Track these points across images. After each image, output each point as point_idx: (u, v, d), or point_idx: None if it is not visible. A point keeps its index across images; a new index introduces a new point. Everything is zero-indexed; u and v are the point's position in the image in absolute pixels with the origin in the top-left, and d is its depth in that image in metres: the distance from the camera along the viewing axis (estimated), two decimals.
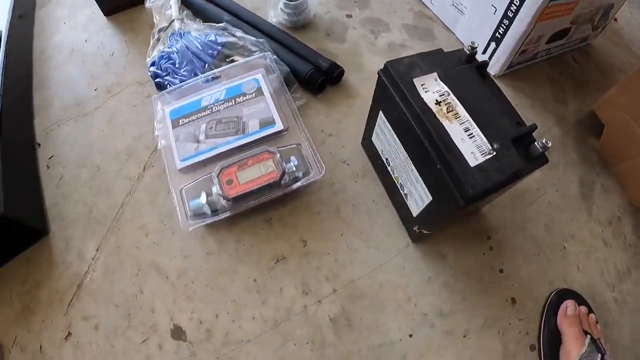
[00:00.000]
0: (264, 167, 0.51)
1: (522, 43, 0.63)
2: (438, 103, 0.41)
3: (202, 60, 0.61)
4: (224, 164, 0.51)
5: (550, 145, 0.38)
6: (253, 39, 0.64)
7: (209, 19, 0.69)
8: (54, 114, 0.66)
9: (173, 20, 0.66)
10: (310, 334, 0.49)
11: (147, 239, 0.54)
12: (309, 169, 0.53)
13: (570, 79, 0.74)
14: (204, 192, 0.51)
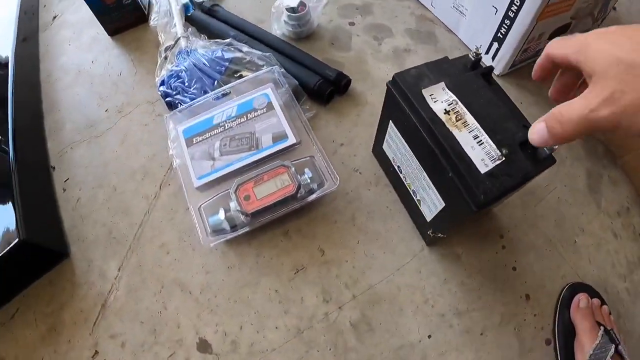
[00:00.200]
0: (279, 182, 0.51)
1: (524, 42, 0.64)
2: (447, 112, 0.41)
3: (210, 77, 0.62)
4: (240, 180, 0.52)
5: (556, 147, 0.39)
6: (259, 53, 0.64)
7: (213, 35, 0.70)
8: (66, 137, 0.67)
9: (179, 39, 0.66)
10: (333, 340, 0.50)
11: (168, 256, 0.56)
12: (323, 181, 0.54)
13: None
14: (222, 209, 0.52)
